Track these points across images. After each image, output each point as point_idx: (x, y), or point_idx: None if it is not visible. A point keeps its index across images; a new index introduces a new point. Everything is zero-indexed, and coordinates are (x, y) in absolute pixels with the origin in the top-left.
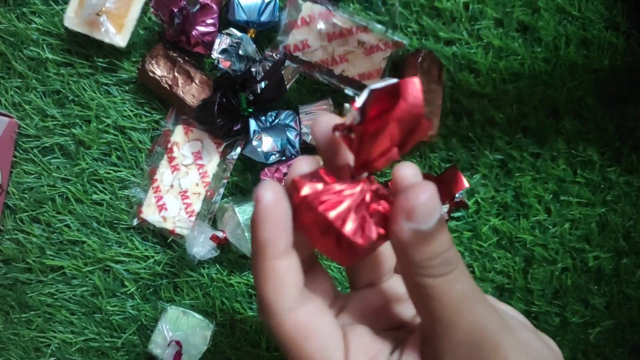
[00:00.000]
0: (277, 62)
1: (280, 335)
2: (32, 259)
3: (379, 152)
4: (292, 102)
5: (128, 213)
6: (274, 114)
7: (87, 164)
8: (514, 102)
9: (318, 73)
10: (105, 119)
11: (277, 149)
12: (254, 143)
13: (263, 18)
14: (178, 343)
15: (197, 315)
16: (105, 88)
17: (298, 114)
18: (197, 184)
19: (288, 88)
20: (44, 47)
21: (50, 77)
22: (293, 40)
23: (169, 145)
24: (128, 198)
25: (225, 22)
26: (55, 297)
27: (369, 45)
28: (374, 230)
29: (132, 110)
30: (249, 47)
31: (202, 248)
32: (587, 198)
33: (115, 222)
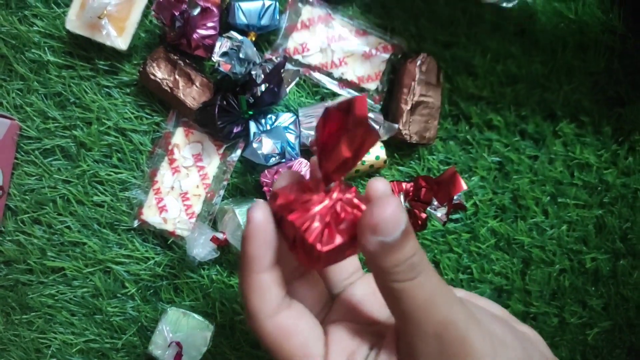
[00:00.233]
0: (277, 65)
1: (264, 337)
2: (33, 260)
3: (336, 163)
4: (292, 104)
5: (129, 215)
6: (274, 117)
7: (88, 166)
8: (512, 105)
9: (318, 76)
10: (106, 121)
11: (277, 152)
12: (254, 145)
13: (263, 21)
14: (178, 344)
15: (197, 317)
16: (107, 90)
17: (298, 117)
18: (197, 186)
19: (288, 91)
20: (46, 49)
21: (52, 79)
22: (293, 44)
23: (170, 147)
24: (129, 200)
25: (226, 25)
26: (56, 298)
27: (368, 49)
28: (337, 237)
29: (133, 113)
30: (250, 50)
31: (202, 249)
32: (584, 200)
33: (116, 223)
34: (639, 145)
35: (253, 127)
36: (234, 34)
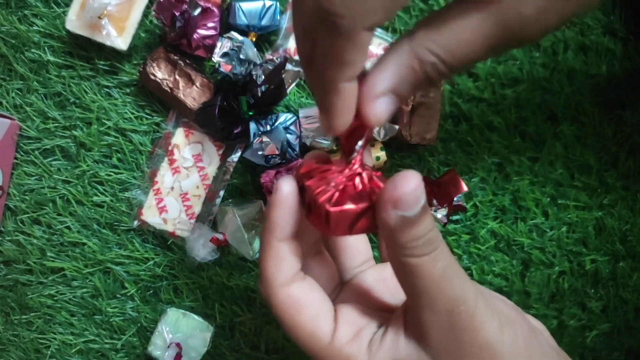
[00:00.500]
0: (277, 65)
1: (275, 305)
2: (32, 261)
3: (348, 131)
4: (292, 105)
5: (128, 215)
6: (275, 117)
7: (87, 166)
8: (513, 106)
9: None
10: (106, 121)
11: (277, 152)
12: (255, 146)
13: (264, 22)
14: (178, 345)
15: (196, 317)
16: (107, 90)
17: (298, 117)
18: (197, 187)
19: (289, 92)
20: (46, 49)
21: (52, 79)
22: (293, 44)
23: (170, 148)
24: (128, 200)
25: (226, 25)
26: (56, 298)
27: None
28: (348, 203)
29: (133, 113)
30: (250, 50)
31: (202, 250)
32: (584, 202)
33: (116, 224)
34: None
35: (253, 127)
36: (235, 35)
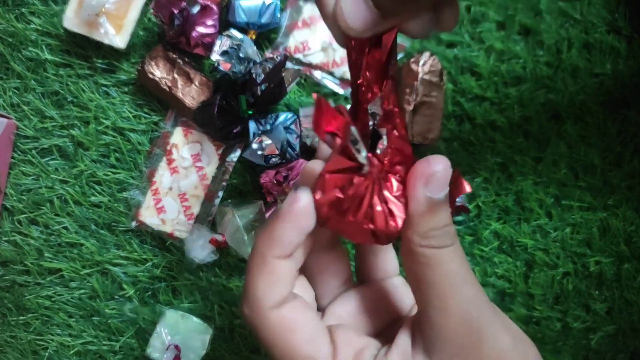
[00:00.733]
0: (277, 64)
1: (265, 329)
2: (29, 261)
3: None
4: (292, 104)
5: (126, 215)
6: (274, 117)
7: (85, 166)
8: (516, 105)
9: (319, 75)
10: (104, 121)
11: (277, 152)
12: (254, 146)
13: (263, 20)
14: (176, 347)
15: (195, 319)
16: (104, 89)
17: (298, 117)
18: (196, 187)
19: (288, 90)
20: (43, 47)
21: (49, 78)
22: (294, 42)
23: (168, 147)
24: (126, 200)
25: (226, 23)
26: (53, 299)
27: None
28: (401, 212)
29: (131, 112)
30: (250, 49)
31: (201, 251)
32: (588, 202)
33: (114, 224)
34: None
35: (253, 127)
36: (234, 33)
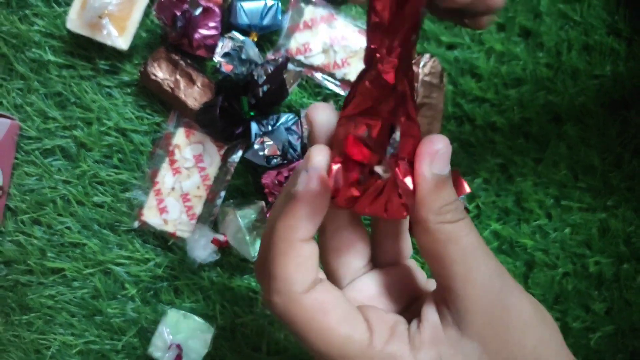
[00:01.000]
0: (279, 65)
1: (298, 315)
2: (32, 261)
3: None
4: (293, 105)
5: (129, 215)
6: (276, 118)
7: (88, 166)
8: (516, 107)
9: (320, 77)
10: (107, 122)
11: (278, 153)
12: (256, 146)
13: (265, 22)
14: (178, 346)
15: (197, 319)
16: (107, 90)
17: (300, 118)
18: (198, 187)
19: (290, 92)
20: (46, 49)
21: (52, 79)
22: (295, 44)
23: (171, 148)
24: (129, 200)
25: (228, 25)
26: (56, 299)
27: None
28: (412, 198)
29: (133, 113)
30: (251, 50)
31: (203, 251)
32: (588, 203)
33: (116, 224)
34: None
35: (254, 128)
36: (236, 34)
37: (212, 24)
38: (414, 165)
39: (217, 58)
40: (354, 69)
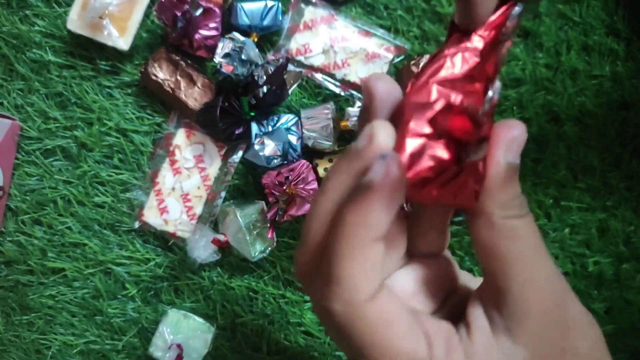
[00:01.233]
0: (279, 66)
1: (360, 327)
2: (33, 261)
3: None
4: (294, 106)
5: (129, 216)
6: (276, 118)
7: (89, 167)
8: (515, 107)
9: (320, 77)
10: (107, 122)
11: (278, 153)
12: (256, 147)
13: (265, 22)
14: (179, 346)
15: (197, 319)
16: (108, 91)
17: (300, 118)
18: (198, 187)
19: (290, 92)
20: (47, 49)
21: (53, 79)
22: (295, 45)
23: (171, 149)
24: (130, 201)
25: (228, 26)
26: (57, 299)
27: (371, 50)
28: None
29: (134, 113)
30: (252, 51)
31: (203, 251)
32: (587, 203)
33: (117, 224)
34: None
35: (255, 128)
36: (236, 35)
37: (212, 25)
38: (489, 149)
39: (217, 59)
40: (354, 70)
